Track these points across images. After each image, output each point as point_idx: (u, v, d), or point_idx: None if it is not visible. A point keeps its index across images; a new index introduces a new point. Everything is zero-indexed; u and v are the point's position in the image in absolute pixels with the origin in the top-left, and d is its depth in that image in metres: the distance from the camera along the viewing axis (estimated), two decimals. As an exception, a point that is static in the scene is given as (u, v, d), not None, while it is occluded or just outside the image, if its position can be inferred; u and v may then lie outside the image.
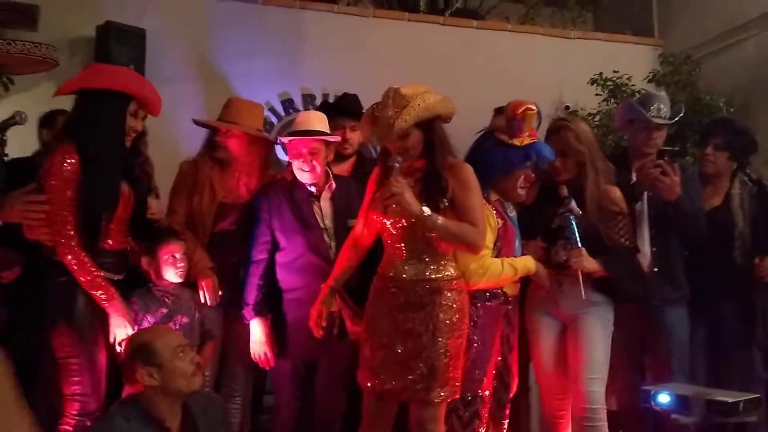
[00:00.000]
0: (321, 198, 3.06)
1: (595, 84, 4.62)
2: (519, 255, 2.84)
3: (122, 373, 2.32)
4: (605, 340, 2.94)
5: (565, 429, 3.03)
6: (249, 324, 3.00)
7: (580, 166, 2.95)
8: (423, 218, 2.44)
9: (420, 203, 2.45)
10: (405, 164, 2.51)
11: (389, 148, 2.57)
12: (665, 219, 3.20)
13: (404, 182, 2.46)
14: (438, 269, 2.55)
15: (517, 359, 2.96)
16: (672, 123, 3.39)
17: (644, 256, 3.22)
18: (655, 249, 3.22)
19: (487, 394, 2.75)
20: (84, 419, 2.48)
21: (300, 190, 3.04)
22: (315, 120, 3.06)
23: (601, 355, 2.91)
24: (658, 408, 2.84)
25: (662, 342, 3.23)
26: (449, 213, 2.51)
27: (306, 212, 3.01)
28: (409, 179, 2.52)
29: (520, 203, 2.95)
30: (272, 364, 3.01)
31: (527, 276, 2.84)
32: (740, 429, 3.26)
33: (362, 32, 4.68)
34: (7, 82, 3.84)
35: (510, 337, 2.88)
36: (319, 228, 3.02)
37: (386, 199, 2.44)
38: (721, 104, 4.28)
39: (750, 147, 3.57)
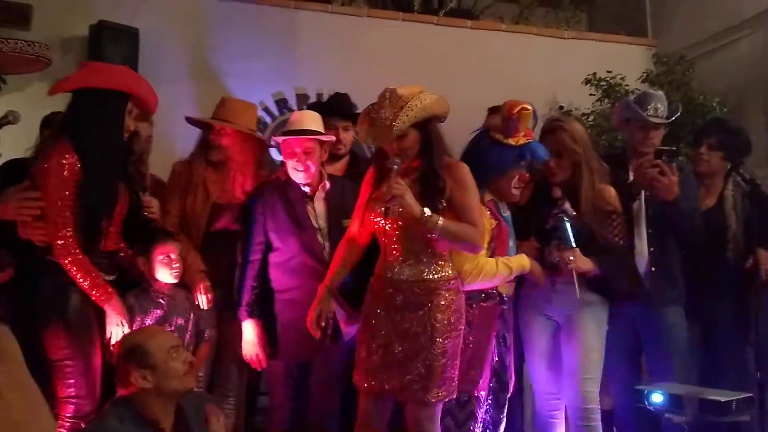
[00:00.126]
0: (315, 198, 3.05)
1: (589, 84, 4.63)
2: (513, 255, 2.84)
3: (115, 375, 2.30)
4: (599, 340, 2.94)
5: (560, 429, 3.04)
6: (242, 324, 2.99)
7: (575, 167, 2.95)
8: (424, 219, 2.43)
9: (419, 204, 2.45)
10: (402, 165, 2.51)
11: (386, 149, 2.57)
12: (663, 218, 3.20)
13: (404, 184, 2.46)
14: (435, 270, 2.55)
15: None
16: (669, 122, 3.39)
17: (642, 256, 3.22)
18: (653, 249, 3.22)
19: (483, 395, 2.75)
20: (79, 421, 2.47)
21: (294, 191, 3.03)
22: (309, 119, 3.05)
23: (596, 355, 2.92)
24: (652, 407, 2.84)
25: (660, 342, 3.22)
26: (447, 213, 2.51)
27: (300, 212, 3.00)
28: (406, 180, 2.52)
29: (514, 203, 2.95)
30: (264, 365, 3.01)
31: (521, 275, 2.84)
32: (733, 428, 3.28)
33: (356, 32, 4.67)
34: (0, 82, 3.82)
35: (506, 337, 2.88)
36: (313, 228, 3.01)
37: (387, 201, 2.43)
38: (715, 104, 4.29)
39: (744, 147, 3.58)
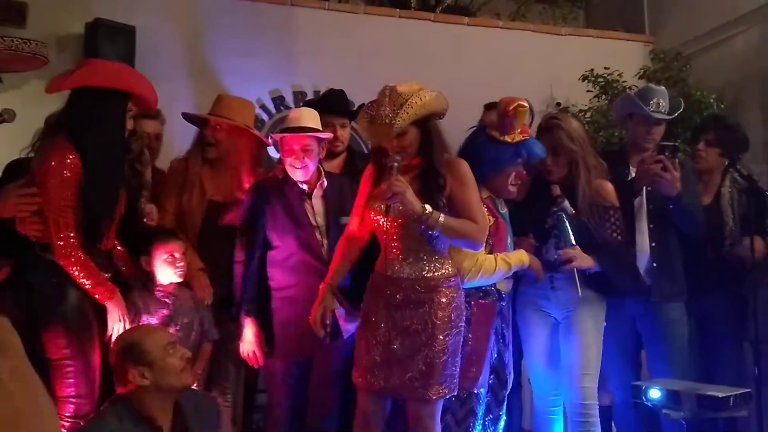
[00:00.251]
0: (313, 196, 3.05)
1: (586, 80, 4.62)
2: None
3: (113, 374, 2.30)
4: (597, 336, 2.95)
5: (558, 425, 3.04)
6: (240, 322, 2.98)
7: (572, 164, 2.95)
8: (425, 216, 2.43)
9: (420, 201, 2.45)
10: (402, 162, 2.50)
11: (386, 147, 2.56)
12: (664, 214, 3.20)
13: (404, 181, 2.45)
14: (435, 267, 2.55)
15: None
16: (671, 118, 3.37)
17: (643, 252, 3.21)
18: (654, 244, 3.22)
19: (482, 392, 2.76)
20: (78, 421, 2.46)
21: (291, 188, 3.02)
22: (308, 117, 3.05)
23: (594, 351, 2.93)
24: (650, 403, 2.85)
25: (661, 338, 3.22)
26: (447, 210, 2.51)
27: (298, 210, 3.00)
28: (406, 177, 2.51)
29: (511, 200, 2.95)
30: (261, 363, 3.01)
31: (520, 271, 2.84)
32: (731, 423, 3.29)
33: (353, 29, 4.66)
34: (-5, 80, 3.81)
35: (505, 334, 2.89)
36: (311, 226, 3.01)
37: (387, 199, 2.43)
38: (712, 100, 4.29)
39: (741, 143, 3.59)
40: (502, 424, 2.89)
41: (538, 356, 3.04)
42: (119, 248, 2.81)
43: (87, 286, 2.51)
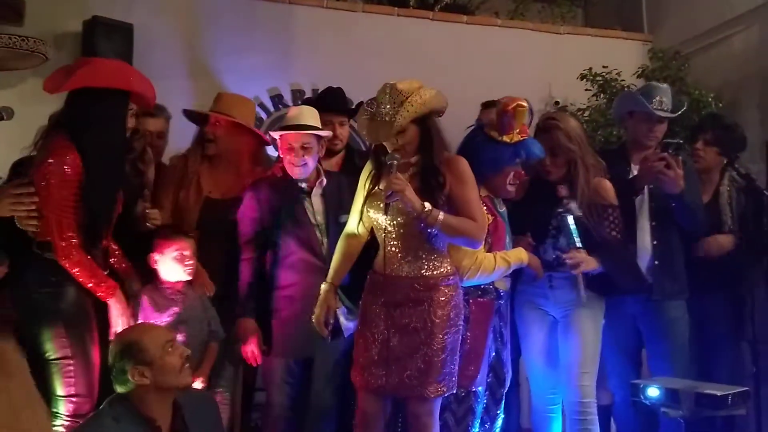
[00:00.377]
0: (312, 194, 3.04)
1: (585, 79, 4.62)
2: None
3: (112, 374, 2.28)
4: (596, 335, 2.95)
5: (557, 423, 3.05)
6: (241, 321, 2.97)
7: (571, 164, 2.95)
8: (425, 214, 2.43)
9: (420, 199, 2.44)
10: (401, 160, 2.50)
11: (385, 145, 2.56)
12: (666, 212, 3.18)
13: (404, 179, 2.45)
14: (434, 266, 2.55)
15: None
16: (675, 116, 3.35)
17: (644, 250, 3.20)
18: (656, 242, 3.20)
19: (481, 390, 2.76)
20: (78, 420, 2.44)
21: (291, 187, 3.02)
22: (307, 115, 3.04)
23: (592, 350, 2.93)
24: (648, 402, 2.85)
25: (662, 337, 3.21)
26: (447, 208, 2.50)
27: (297, 209, 2.99)
28: (405, 175, 2.51)
29: (510, 199, 2.94)
30: (259, 362, 3.00)
31: (518, 269, 2.84)
32: (729, 422, 3.29)
33: (351, 27, 4.66)
34: (-8, 79, 3.81)
35: (503, 333, 2.89)
36: (311, 224, 3.00)
37: (387, 197, 2.43)
38: (710, 100, 4.29)
39: (739, 142, 3.59)
40: (500, 423, 2.90)
41: (537, 355, 3.04)
42: (113, 246, 2.80)
43: (88, 286, 2.50)
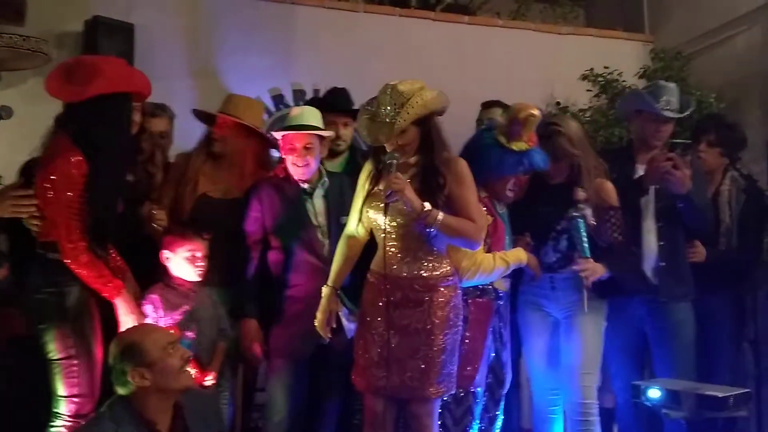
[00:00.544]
0: (314, 195, 3.04)
1: (586, 80, 4.62)
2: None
3: (112, 375, 2.27)
4: (598, 336, 2.95)
5: (558, 424, 3.04)
6: (243, 321, 2.97)
7: (573, 167, 2.94)
8: (424, 214, 2.42)
9: (419, 199, 2.44)
10: (401, 160, 2.49)
11: (385, 146, 2.55)
12: (673, 212, 3.16)
13: (403, 179, 2.45)
14: (433, 267, 2.55)
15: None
16: (682, 116, 3.32)
17: (650, 251, 3.18)
18: (663, 243, 3.18)
19: (480, 390, 2.76)
20: (79, 420, 2.44)
21: (292, 188, 3.01)
22: (309, 115, 3.03)
23: (594, 351, 2.93)
24: (649, 403, 2.84)
25: (667, 338, 3.19)
26: (445, 208, 2.50)
27: (299, 210, 2.99)
28: (405, 175, 2.50)
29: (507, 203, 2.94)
30: (260, 362, 2.99)
31: (518, 269, 2.83)
32: (730, 423, 3.29)
33: (353, 27, 4.65)
34: (-6, 78, 3.80)
35: (502, 333, 2.89)
36: (312, 225, 3.00)
37: (386, 197, 2.42)
38: (712, 100, 4.29)
39: (741, 143, 3.59)
40: (500, 424, 2.90)
41: (538, 355, 3.04)
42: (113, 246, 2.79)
43: (95, 286, 2.50)
